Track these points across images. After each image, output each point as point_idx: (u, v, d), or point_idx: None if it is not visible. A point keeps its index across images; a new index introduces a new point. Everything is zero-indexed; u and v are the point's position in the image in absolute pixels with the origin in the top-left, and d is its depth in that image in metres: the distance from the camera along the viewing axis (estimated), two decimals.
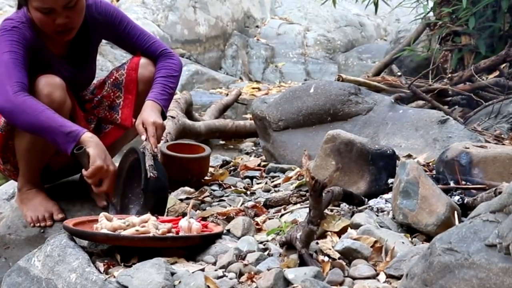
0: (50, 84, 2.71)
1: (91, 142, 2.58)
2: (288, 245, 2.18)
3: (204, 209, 2.87)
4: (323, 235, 2.29)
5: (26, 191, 2.93)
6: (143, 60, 2.94)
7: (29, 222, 2.91)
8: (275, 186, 3.18)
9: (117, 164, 2.77)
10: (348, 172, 2.66)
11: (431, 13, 5.54)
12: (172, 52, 3.00)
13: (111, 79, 2.99)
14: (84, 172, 2.62)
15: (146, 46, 2.97)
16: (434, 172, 2.74)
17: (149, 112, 2.75)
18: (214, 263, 2.24)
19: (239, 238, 2.41)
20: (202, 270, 2.17)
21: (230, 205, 2.90)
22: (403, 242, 2.17)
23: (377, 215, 2.43)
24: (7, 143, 2.82)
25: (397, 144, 3.26)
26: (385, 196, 2.57)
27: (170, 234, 2.37)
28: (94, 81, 3.13)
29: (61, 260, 2.27)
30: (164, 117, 2.80)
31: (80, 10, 2.76)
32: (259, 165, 3.63)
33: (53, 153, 2.86)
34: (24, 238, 2.93)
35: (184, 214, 2.66)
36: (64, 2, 2.68)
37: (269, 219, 2.61)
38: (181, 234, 2.38)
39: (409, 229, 2.30)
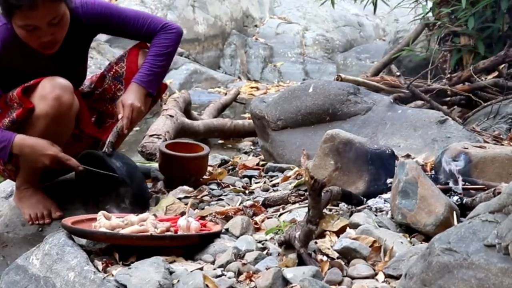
0: (58, 87, 2.70)
1: (19, 152, 2.71)
2: (286, 245, 2.18)
3: (203, 208, 2.87)
4: (321, 235, 2.29)
5: (24, 189, 2.93)
6: (142, 51, 2.94)
7: (27, 219, 2.91)
8: (274, 185, 3.18)
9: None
10: (347, 172, 2.66)
11: (430, 14, 5.53)
12: (170, 26, 2.95)
13: (111, 72, 2.97)
14: None
15: (144, 30, 2.93)
16: (432, 172, 2.74)
17: (130, 94, 2.81)
18: (213, 262, 2.23)
19: (237, 237, 2.41)
20: (201, 269, 2.17)
21: (229, 204, 2.89)
22: (401, 242, 2.17)
23: (376, 215, 2.43)
24: None
25: (396, 144, 3.26)
26: (384, 196, 2.56)
27: (169, 233, 2.37)
28: (89, 77, 3.11)
29: (59, 259, 2.27)
30: (151, 96, 2.87)
31: (65, 24, 2.72)
32: (257, 164, 3.62)
33: None
34: (22, 237, 2.93)
35: (182, 213, 2.66)
36: (48, 19, 2.64)
37: (268, 218, 2.61)
38: (179, 233, 2.38)
39: (408, 229, 2.30)
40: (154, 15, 3.06)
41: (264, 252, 2.24)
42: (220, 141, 5.41)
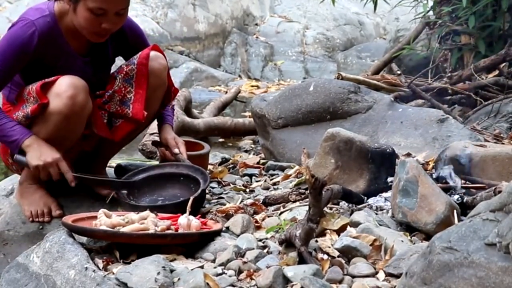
0: (74, 86, 2.72)
1: (28, 147, 2.74)
2: (287, 243, 2.18)
3: (204, 206, 2.87)
4: (322, 233, 2.29)
5: (27, 185, 2.94)
6: (153, 53, 2.94)
7: (28, 216, 2.91)
8: (274, 184, 3.18)
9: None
10: (347, 171, 2.66)
11: (431, 12, 5.54)
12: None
13: (122, 74, 2.96)
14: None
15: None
16: (433, 171, 2.74)
17: (172, 133, 3.14)
18: (213, 261, 2.24)
19: (238, 235, 2.41)
20: (201, 267, 2.17)
21: (229, 203, 2.90)
22: (402, 241, 2.17)
23: (376, 214, 2.43)
24: None
25: (397, 142, 3.26)
26: (384, 194, 2.57)
27: (169, 231, 2.37)
28: None
29: (60, 257, 2.27)
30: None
31: (125, 18, 2.82)
32: (258, 163, 3.63)
33: (67, 149, 2.88)
34: (23, 234, 2.93)
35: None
36: (120, 7, 2.72)
37: (268, 216, 2.61)
38: (180, 231, 2.38)
39: (408, 228, 2.30)
40: None
41: (265, 251, 2.24)
42: (220, 140, 5.42)
